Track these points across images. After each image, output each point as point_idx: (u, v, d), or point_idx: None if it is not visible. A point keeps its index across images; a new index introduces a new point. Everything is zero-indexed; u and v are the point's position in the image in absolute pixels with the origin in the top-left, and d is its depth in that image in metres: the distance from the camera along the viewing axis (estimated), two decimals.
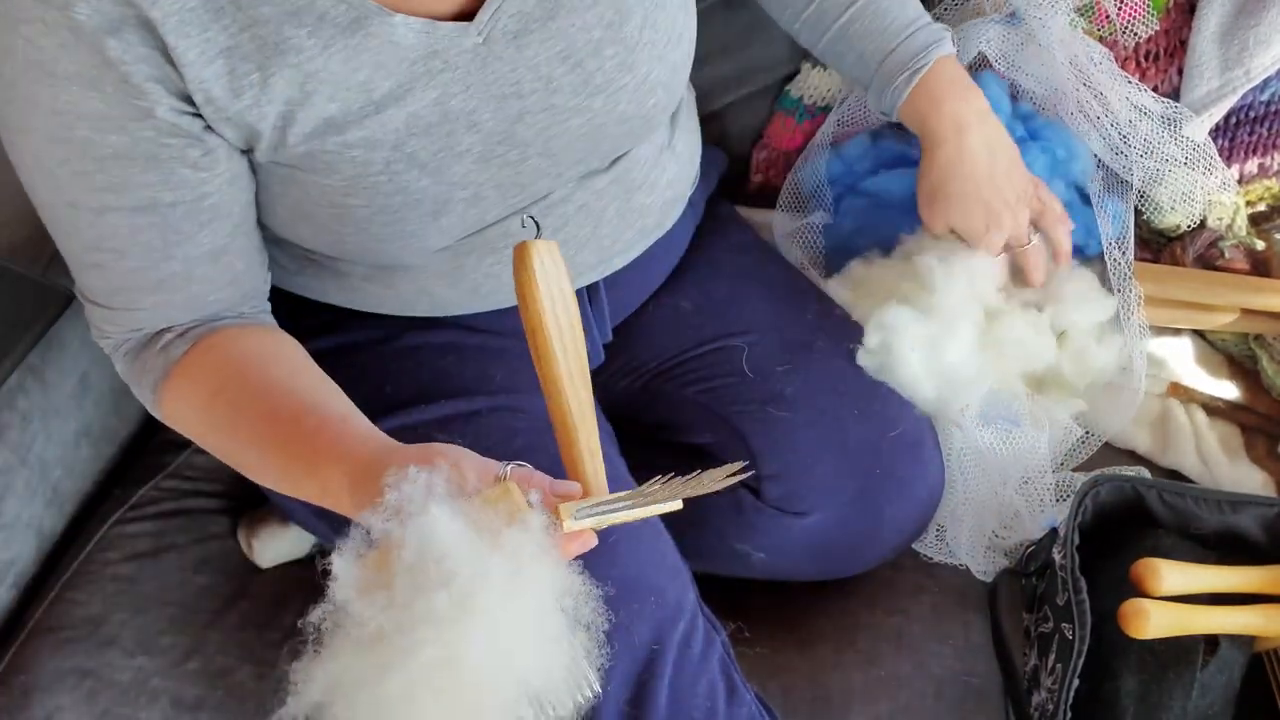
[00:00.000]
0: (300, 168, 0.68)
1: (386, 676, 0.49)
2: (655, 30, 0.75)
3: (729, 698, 0.77)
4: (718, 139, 1.17)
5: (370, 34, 0.64)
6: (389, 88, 0.67)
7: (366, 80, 0.66)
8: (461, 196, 0.73)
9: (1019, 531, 0.97)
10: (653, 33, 0.75)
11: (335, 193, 0.70)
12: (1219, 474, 1.02)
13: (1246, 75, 1.02)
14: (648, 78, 0.76)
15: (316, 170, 0.68)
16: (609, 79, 0.74)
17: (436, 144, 0.70)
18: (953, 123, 0.92)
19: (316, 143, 0.66)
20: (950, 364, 0.94)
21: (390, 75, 0.66)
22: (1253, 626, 0.83)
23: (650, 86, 0.77)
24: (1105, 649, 0.83)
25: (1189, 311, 1.06)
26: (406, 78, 0.67)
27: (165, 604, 0.92)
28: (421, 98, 0.68)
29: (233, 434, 0.68)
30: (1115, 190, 1.06)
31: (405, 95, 0.67)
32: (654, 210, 0.88)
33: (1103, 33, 1.07)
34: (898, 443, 0.90)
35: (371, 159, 0.68)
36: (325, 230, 0.74)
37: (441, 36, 0.67)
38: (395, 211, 0.71)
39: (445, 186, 0.72)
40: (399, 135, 0.68)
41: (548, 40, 0.70)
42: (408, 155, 0.69)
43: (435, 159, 0.70)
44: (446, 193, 0.72)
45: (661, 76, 0.78)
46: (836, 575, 0.94)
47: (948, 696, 0.89)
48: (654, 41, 0.75)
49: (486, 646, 0.49)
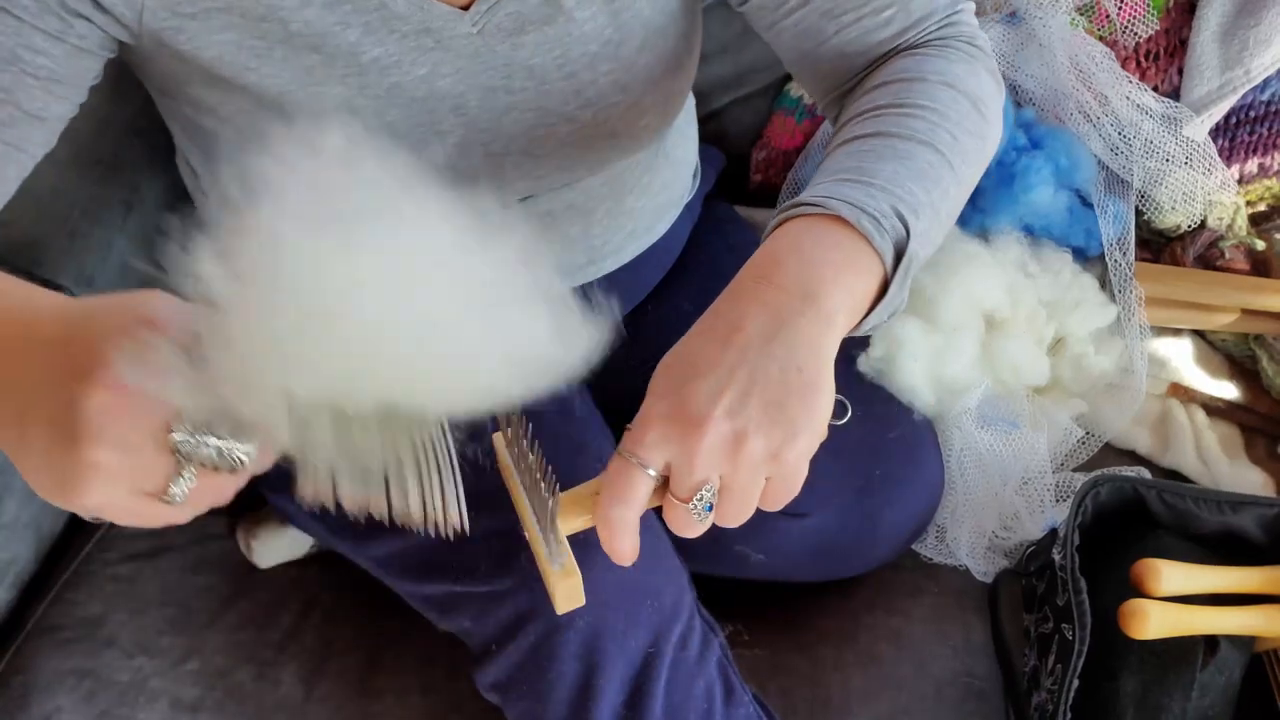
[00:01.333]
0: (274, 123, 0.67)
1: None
2: (653, 55, 0.75)
3: (726, 699, 0.77)
4: (717, 139, 1.17)
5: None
6: (378, 54, 0.66)
7: (356, 42, 0.65)
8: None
9: (1019, 532, 0.97)
10: (650, 57, 0.75)
11: None
12: (1219, 474, 1.02)
13: (1246, 75, 1.02)
14: (640, 100, 0.76)
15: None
16: (601, 94, 0.74)
17: (418, 118, 0.69)
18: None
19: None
20: (951, 374, 0.94)
21: (380, 43, 0.66)
22: (1252, 627, 0.83)
23: (642, 109, 0.77)
24: (1105, 649, 0.83)
25: (1189, 312, 1.06)
26: (397, 50, 0.67)
27: (164, 604, 0.92)
28: (409, 71, 0.68)
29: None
30: (1116, 190, 1.06)
31: (392, 66, 0.67)
32: (646, 214, 0.88)
33: (1103, 32, 1.07)
34: (897, 444, 0.90)
35: (348, 123, 0.68)
36: None
37: (435, 16, 0.67)
38: None
39: (422, 165, 0.71)
40: (380, 104, 0.68)
41: (544, 44, 0.70)
42: (387, 124, 0.69)
43: (414, 132, 0.70)
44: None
45: (655, 101, 0.77)
46: (836, 576, 0.94)
47: (948, 697, 0.89)
48: (651, 66, 0.75)
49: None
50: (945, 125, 0.63)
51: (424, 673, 0.89)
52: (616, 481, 0.53)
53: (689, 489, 0.52)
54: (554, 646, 0.72)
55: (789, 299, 0.54)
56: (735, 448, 0.51)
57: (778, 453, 0.52)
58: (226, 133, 0.70)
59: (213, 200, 0.51)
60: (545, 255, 0.48)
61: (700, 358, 0.53)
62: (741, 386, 0.52)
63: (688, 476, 0.52)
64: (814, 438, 0.54)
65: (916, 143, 0.62)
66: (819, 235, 0.57)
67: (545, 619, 0.72)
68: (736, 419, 0.51)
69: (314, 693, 0.88)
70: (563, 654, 0.72)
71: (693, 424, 0.51)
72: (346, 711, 0.88)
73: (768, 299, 0.55)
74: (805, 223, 0.57)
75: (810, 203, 0.58)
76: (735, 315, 0.55)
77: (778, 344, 0.53)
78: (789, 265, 0.56)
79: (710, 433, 0.51)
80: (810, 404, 0.53)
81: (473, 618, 0.75)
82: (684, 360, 0.54)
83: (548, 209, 0.79)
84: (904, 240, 0.58)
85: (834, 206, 0.57)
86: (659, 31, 0.74)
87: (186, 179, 0.90)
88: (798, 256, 0.56)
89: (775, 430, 0.52)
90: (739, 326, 0.54)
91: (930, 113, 0.64)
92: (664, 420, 0.52)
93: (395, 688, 0.89)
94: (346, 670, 0.90)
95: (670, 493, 0.53)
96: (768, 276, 0.56)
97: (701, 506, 0.53)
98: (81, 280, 0.90)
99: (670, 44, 0.76)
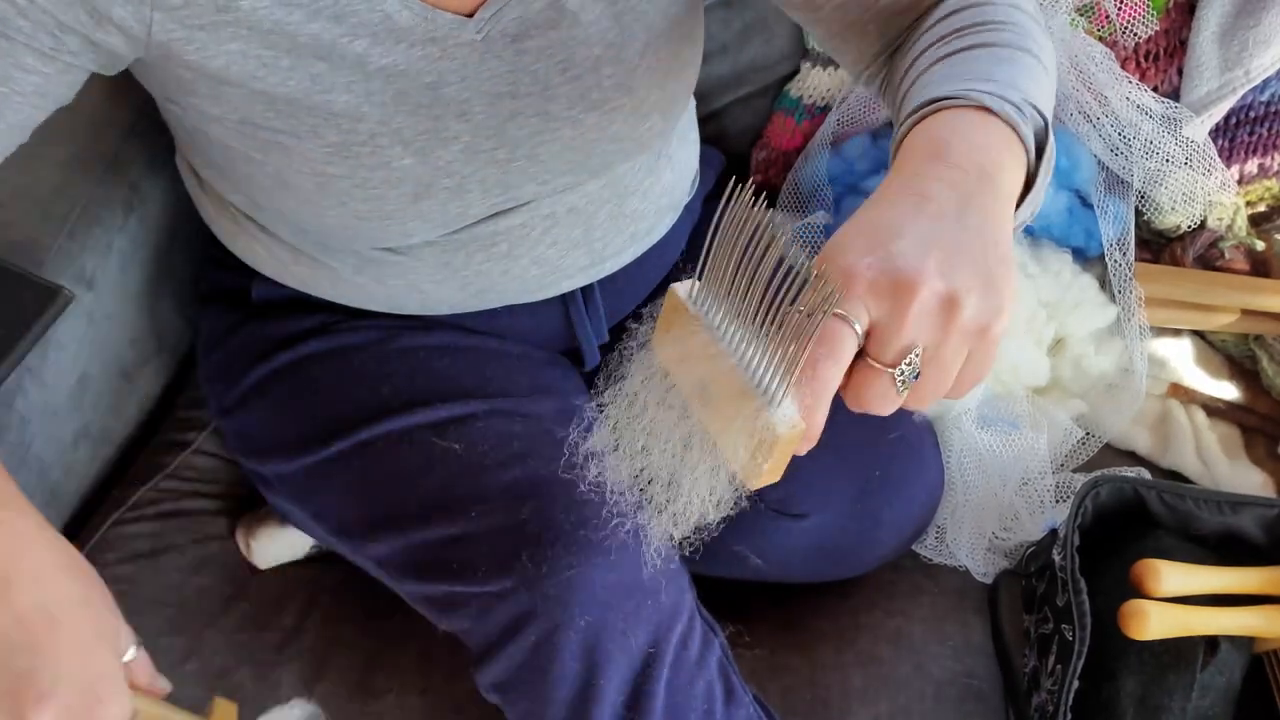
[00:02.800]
0: (283, 130, 0.68)
1: None
2: (656, 58, 0.75)
3: (727, 699, 0.77)
4: (717, 139, 1.16)
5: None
6: (385, 63, 0.67)
7: (363, 53, 0.66)
8: (445, 185, 0.73)
9: (1019, 533, 0.97)
10: (654, 60, 0.75)
11: (318, 160, 0.70)
12: (1219, 475, 1.02)
13: (1246, 75, 1.02)
14: (644, 102, 0.76)
15: (300, 134, 0.68)
16: (605, 97, 0.74)
17: (423, 125, 0.70)
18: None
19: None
20: None
21: (388, 54, 0.66)
22: (1253, 627, 0.83)
23: (646, 111, 0.77)
24: (1105, 650, 0.83)
25: (1189, 312, 1.06)
26: (404, 60, 0.67)
27: (164, 605, 0.92)
28: (415, 80, 0.68)
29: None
30: (1116, 191, 1.06)
31: (398, 74, 0.67)
32: (647, 216, 0.88)
33: (1103, 33, 1.07)
34: (897, 445, 0.90)
35: (356, 128, 0.68)
36: (307, 202, 0.73)
37: (440, 25, 0.67)
38: (375, 188, 0.71)
39: (429, 170, 0.72)
40: (386, 110, 0.68)
41: (548, 48, 0.70)
42: (393, 130, 0.69)
43: (420, 139, 0.70)
44: (429, 176, 0.72)
45: (659, 103, 0.77)
46: (836, 577, 0.94)
47: (947, 697, 0.89)
48: (654, 69, 0.75)
49: None
50: (1032, 36, 0.62)
51: (424, 673, 0.89)
52: (825, 337, 0.46)
53: (897, 352, 0.47)
54: (554, 647, 0.72)
55: (967, 176, 0.50)
56: (949, 311, 0.46)
57: (986, 325, 0.47)
58: (230, 139, 0.71)
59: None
60: None
61: (895, 221, 0.48)
62: (950, 249, 0.47)
63: (896, 338, 0.46)
64: (1009, 317, 0.48)
65: (1016, 49, 0.60)
66: (971, 122, 0.53)
67: (545, 619, 0.72)
68: (951, 279, 0.46)
69: (314, 693, 0.88)
70: (563, 654, 0.72)
71: (906, 279, 0.46)
72: (346, 711, 0.88)
73: (946, 176, 0.50)
74: (951, 114, 0.53)
75: (949, 96, 0.54)
76: (918, 187, 0.50)
77: (972, 214, 0.49)
78: (957, 146, 0.52)
79: (925, 290, 0.46)
80: (1011, 279, 0.48)
81: (473, 618, 0.75)
82: (875, 224, 0.48)
83: (549, 212, 0.80)
84: (1043, 131, 0.55)
85: (977, 97, 0.53)
86: (661, 33, 0.74)
87: (186, 180, 0.90)
88: (962, 138, 0.52)
89: (987, 298, 0.47)
90: (927, 196, 0.49)
91: (1014, 27, 0.62)
92: (874, 274, 0.46)
93: (395, 688, 0.89)
94: (346, 670, 0.90)
95: (872, 357, 0.47)
96: (938, 155, 0.51)
97: (909, 373, 0.47)
98: (81, 280, 0.90)
99: (673, 45, 0.76)
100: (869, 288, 0.46)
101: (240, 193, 0.80)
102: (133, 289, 0.97)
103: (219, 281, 0.92)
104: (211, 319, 0.92)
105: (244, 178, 0.74)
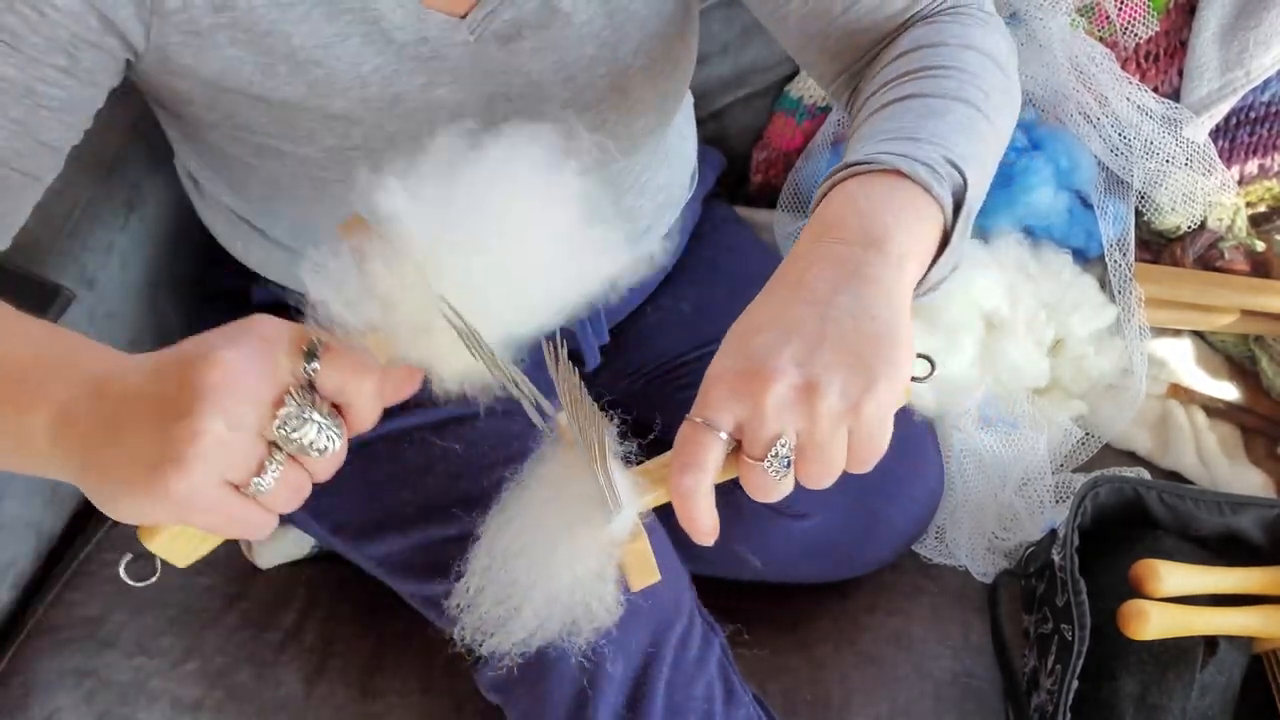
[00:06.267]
0: (278, 135, 0.68)
1: None
2: (649, 57, 0.75)
3: (726, 699, 0.77)
4: (717, 139, 1.17)
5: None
6: (378, 63, 0.67)
7: (356, 54, 0.66)
8: None
9: (1018, 533, 0.97)
10: (646, 59, 0.75)
11: (313, 164, 0.70)
12: (1219, 475, 1.02)
13: (1247, 76, 1.02)
14: (637, 101, 0.76)
15: (296, 139, 0.68)
16: (599, 96, 0.74)
17: (416, 129, 0.70)
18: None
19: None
20: (951, 375, 0.94)
21: (379, 54, 0.66)
22: (1252, 628, 0.83)
23: (639, 110, 0.77)
24: (1104, 650, 0.83)
25: (1189, 313, 1.06)
26: (396, 61, 0.67)
27: (164, 604, 0.92)
28: (408, 82, 0.68)
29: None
30: (1116, 191, 1.06)
31: (392, 76, 0.67)
32: (645, 213, 0.88)
33: (1103, 33, 1.07)
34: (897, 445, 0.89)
35: (350, 132, 0.68)
36: (303, 205, 0.74)
37: (432, 25, 0.67)
38: None
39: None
40: (380, 114, 0.68)
41: (541, 49, 0.70)
42: (387, 134, 0.69)
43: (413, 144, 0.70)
44: None
45: (652, 102, 0.78)
46: (836, 577, 0.94)
47: (947, 697, 0.89)
48: (647, 68, 0.75)
49: None
50: (975, 83, 0.62)
51: (424, 673, 0.89)
52: (685, 447, 0.48)
53: (762, 445, 0.48)
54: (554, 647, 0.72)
55: (852, 249, 0.51)
56: (808, 397, 0.47)
57: (856, 404, 0.47)
58: (226, 145, 0.71)
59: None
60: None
61: (764, 315, 0.50)
62: (810, 337, 0.48)
63: (759, 431, 0.48)
64: (894, 388, 0.49)
65: (951, 99, 0.60)
66: (874, 189, 0.54)
67: None
68: (806, 367, 0.47)
69: (314, 693, 0.88)
70: (563, 654, 0.72)
71: (759, 374, 0.47)
72: (347, 711, 0.88)
73: (830, 253, 0.51)
74: (857, 181, 0.55)
75: (860, 161, 0.55)
76: (797, 273, 0.51)
77: (846, 293, 0.49)
78: (848, 219, 0.53)
79: (778, 381, 0.47)
80: (887, 351, 0.48)
81: None
82: (748, 320, 0.51)
83: None
84: (961, 188, 0.56)
85: (886, 160, 0.54)
86: (654, 33, 0.74)
87: (184, 183, 0.90)
88: (855, 210, 0.53)
89: (852, 378, 0.48)
90: (803, 282, 0.51)
91: (958, 72, 0.62)
92: (730, 375, 0.49)
93: (395, 688, 0.89)
94: (347, 670, 0.90)
95: (745, 453, 0.49)
96: (827, 233, 0.53)
97: (778, 464, 0.48)
98: (82, 280, 0.90)
99: (666, 44, 0.76)
100: (728, 390, 0.48)
101: (237, 196, 0.80)
102: (134, 288, 0.97)
103: (219, 281, 0.92)
104: (212, 319, 0.92)
105: (240, 182, 0.74)
